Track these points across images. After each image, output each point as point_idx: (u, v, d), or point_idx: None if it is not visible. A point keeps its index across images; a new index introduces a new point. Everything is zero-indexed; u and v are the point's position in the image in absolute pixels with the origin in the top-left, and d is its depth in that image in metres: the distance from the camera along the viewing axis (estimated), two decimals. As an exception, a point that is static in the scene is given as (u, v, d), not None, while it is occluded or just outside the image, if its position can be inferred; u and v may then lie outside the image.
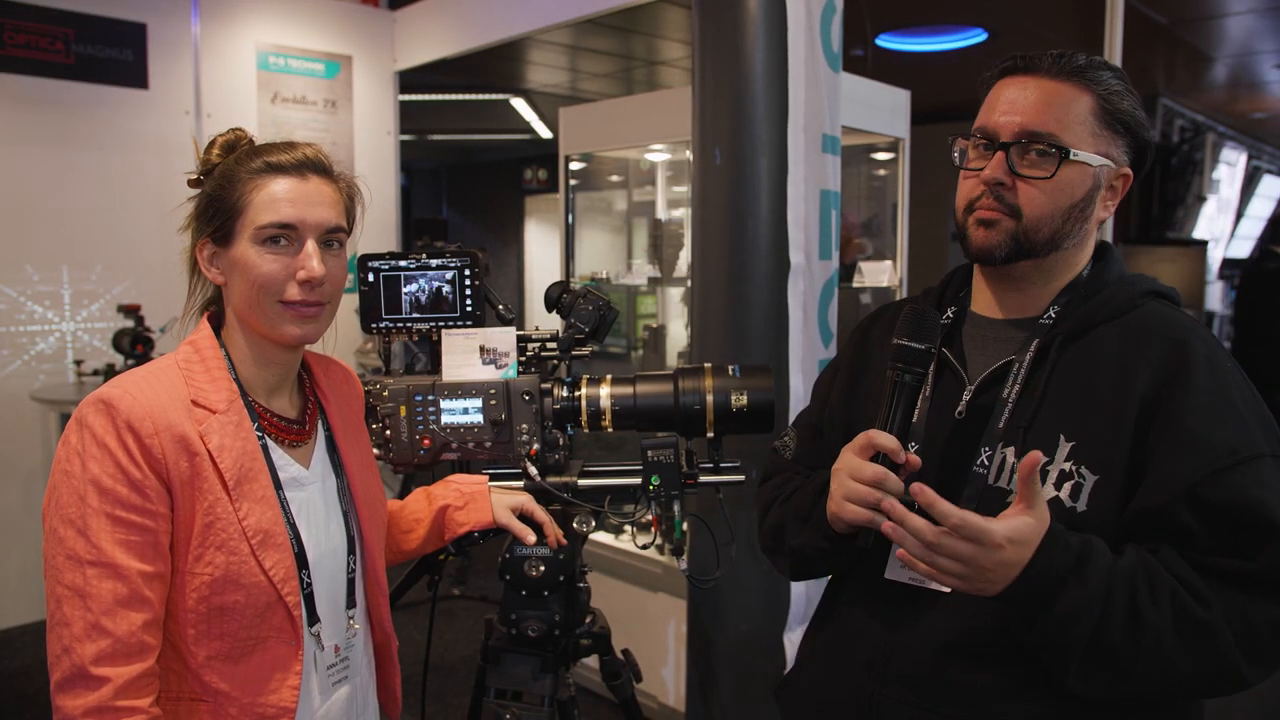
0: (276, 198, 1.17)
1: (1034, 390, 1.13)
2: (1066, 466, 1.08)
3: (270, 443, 1.23)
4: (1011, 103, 1.14)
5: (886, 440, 1.09)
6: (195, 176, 1.24)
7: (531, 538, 1.56)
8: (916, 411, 1.19)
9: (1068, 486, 1.08)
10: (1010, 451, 1.12)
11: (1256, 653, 1.01)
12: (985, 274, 1.24)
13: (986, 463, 1.14)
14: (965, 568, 1.00)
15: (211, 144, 1.24)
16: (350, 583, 1.32)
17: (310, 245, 1.19)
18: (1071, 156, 1.11)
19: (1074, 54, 1.14)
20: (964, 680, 1.11)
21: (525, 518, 1.59)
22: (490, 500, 1.56)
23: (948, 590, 1.13)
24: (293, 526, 1.21)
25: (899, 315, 1.20)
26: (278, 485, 1.21)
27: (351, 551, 1.32)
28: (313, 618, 1.23)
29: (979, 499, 1.13)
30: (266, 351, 1.24)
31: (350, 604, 1.31)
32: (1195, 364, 1.07)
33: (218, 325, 1.25)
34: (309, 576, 1.22)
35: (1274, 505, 1.01)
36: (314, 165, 1.22)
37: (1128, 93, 1.14)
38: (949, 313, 1.27)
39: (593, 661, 1.81)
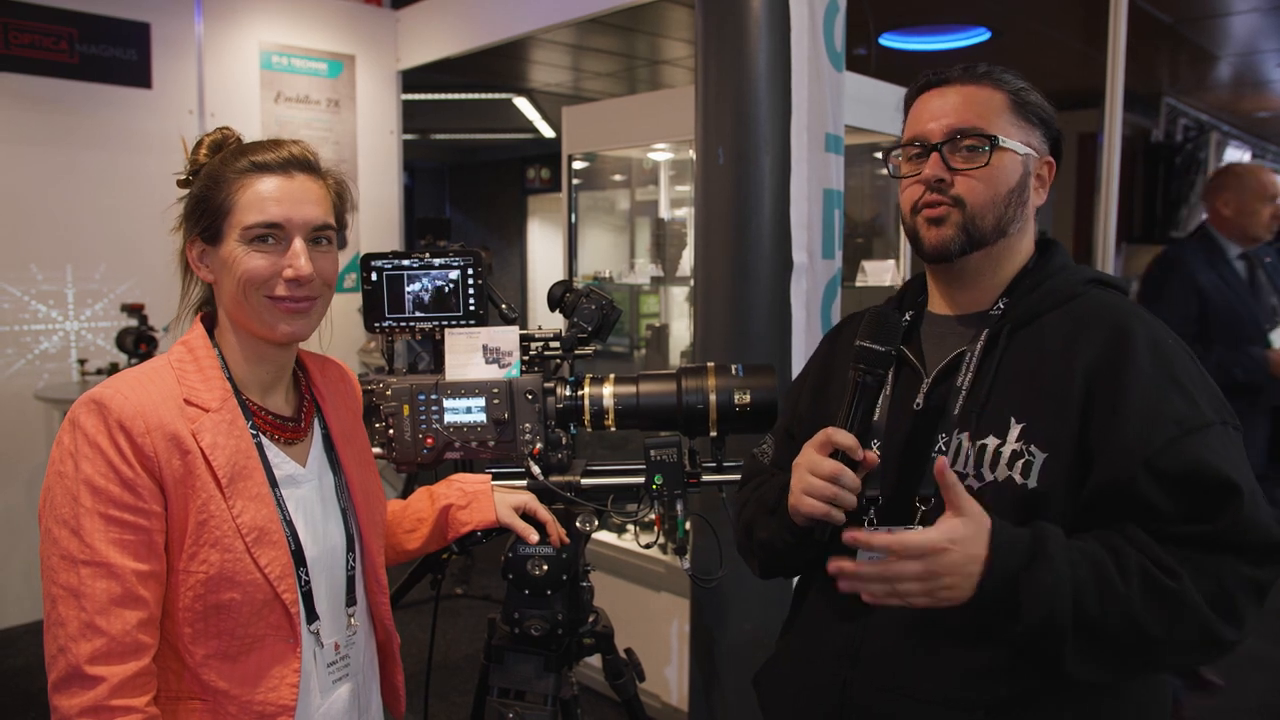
0: (263, 197, 1.18)
1: (985, 377, 1.18)
2: (1017, 446, 1.13)
3: (265, 440, 1.23)
4: (936, 110, 1.23)
5: (844, 438, 1.15)
6: (184, 177, 1.25)
7: (534, 536, 1.56)
8: (878, 410, 1.23)
9: (1019, 465, 1.12)
10: (965, 437, 1.17)
11: (1229, 611, 1.05)
12: (937, 274, 1.30)
13: (944, 448, 1.18)
14: (924, 584, 1.05)
15: (199, 144, 1.25)
16: (350, 580, 1.32)
17: (298, 244, 1.19)
18: (1000, 143, 1.19)
19: (977, 65, 1.24)
20: (934, 663, 1.15)
21: (528, 517, 1.59)
22: (493, 499, 1.56)
23: None
24: (289, 524, 1.21)
25: (857, 324, 1.30)
26: (273, 483, 1.21)
27: (350, 549, 1.32)
28: (311, 615, 1.23)
29: (936, 485, 1.16)
30: (259, 349, 1.24)
31: (350, 602, 1.32)
32: (1136, 344, 1.12)
33: (211, 325, 1.26)
34: (307, 574, 1.22)
35: (1226, 467, 1.06)
36: (300, 163, 1.22)
37: (1032, 89, 1.24)
38: (908, 315, 1.32)
39: (596, 660, 1.81)
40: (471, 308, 1.65)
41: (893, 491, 1.21)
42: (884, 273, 3.35)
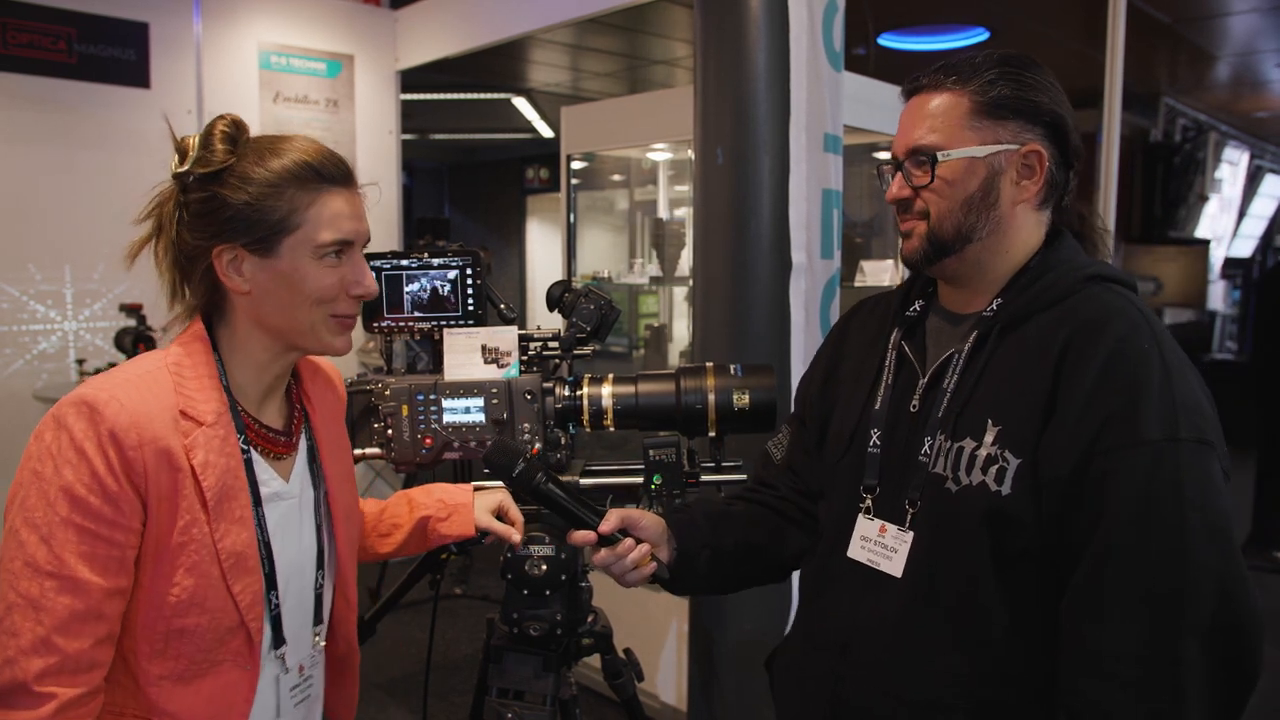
0: (338, 215, 1.15)
1: (969, 379, 1.17)
2: (992, 450, 1.11)
3: (255, 455, 1.18)
4: (901, 126, 1.24)
5: (581, 538, 1.36)
6: (192, 171, 1.12)
7: (515, 537, 1.55)
8: (879, 399, 1.27)
9: (993, 470, 1.10)
10: (943, 438, 1.16)
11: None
12: (934, 276, 1.30)
13: (929, 451, 1.18)
14: None
15: (209, 136, 1.13)
16: (318, 597, 1.28)
17: (362, 261, 1.18)
18: (940, 158, 1.17)
19: (954, 63, 1.20)
20: (918, 664, 1.15)
21: (504, 516, 1.58)
22: (473, 512, 1.54)
23: (898, 575, 1.19)
24: (266, 545, 1.16)
25: (869, 311, 1.41)
26: (256, 501, 1.16)
27: (320, 566, 1.28)
28: (278, 639, 1.19)
29: (923, 487, 1.18)
30: (274, 356, 1.19)
31: (318, 620, 1.28)
32: (1100, 343, 1.07)
33: (209, 326, 1.19)
34: (277, 598, 1.18)
35: (1124, 494, 1.01)
36: (351, 175, 1.19)
37: (1008, 78, 1.17)
38: (916, 305, 1.32)
39: (595, 660, 1.81)
40: (470, 308, 1.65)
41: (889, 490, 1.23)
42: (882, 273, 3.35)
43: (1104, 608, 1.02)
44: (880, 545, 1.22)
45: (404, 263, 1.64)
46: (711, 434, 1.59)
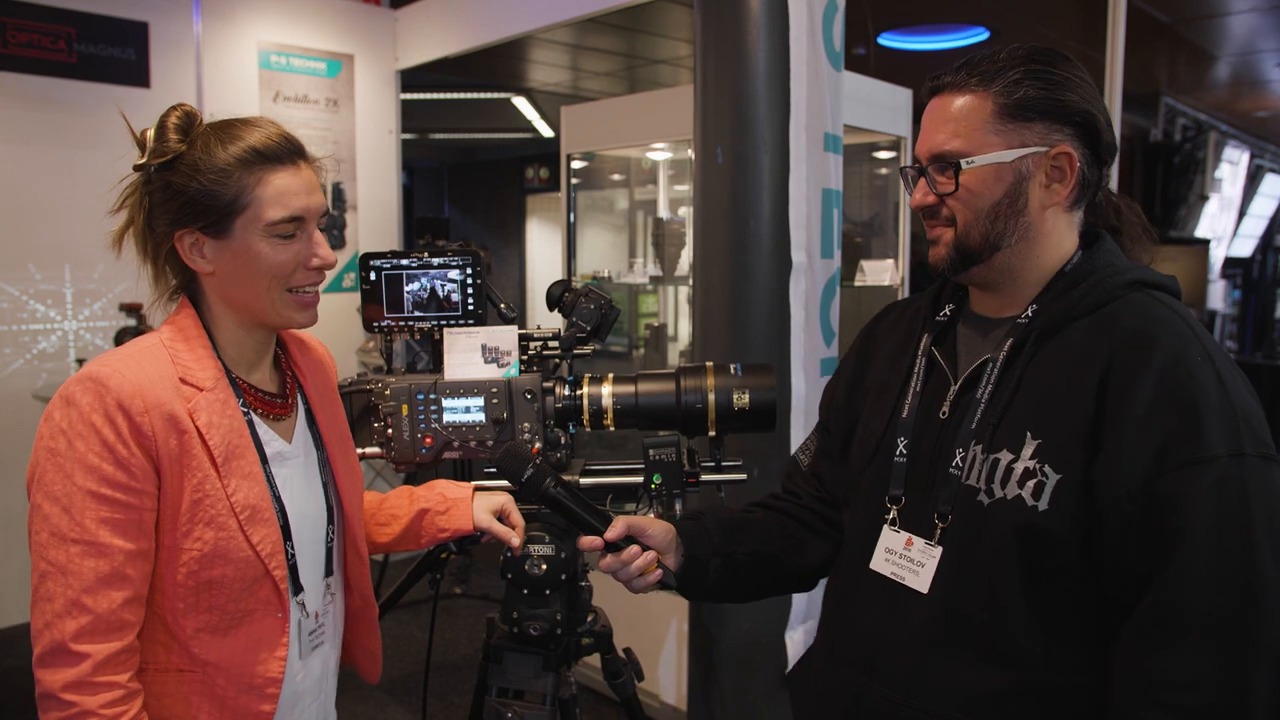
0: (284, 192, 1.19)
1: (1006, 388, 1.13)
2: (1031, 464, 1.07)
3: (255, 418, 1.25)
4: (924, 128, 1.19)
5: (589, 544, 1.38)
6: (149, 162, 1.18)
7: (515, 540, 1.56)
8: (906, 407, 1.24)
9: (1031, 485, 1.07)
10: (979, 449, 1.13)
11: None
12: (962, 283, 1.26)
13: (960, 463, 1.14)
14: None
15: (163, 127, 1.18)
16: (329, 551, 1.35)
17: (317, 233, 1.23)
18: (964, 166, 1.13)
19: (977, 61, 1.15)
20: (946, 681, 1.13)
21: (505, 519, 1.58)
22: (472, 507, 1.56)
23: (924, 591, 1.16)
24: (279, 500, 1.24)
25: (897, 315, 1.37)
26: (264, 459, 1.23)
27: (330, 521, 1.35)
28: (297, 586, 1.27)
29: (954, 499, 1.14)
30: (251, 329, 1.27)
31: (328, 572, 1.35)
32: (1151, 358, 1.03)
33: (195, 304, 1.26)
34: (293, 547, 1.25)
35: (1196, 515, 0.97)
36: (300, 151, 1.23)
37: (1033, 77, 1.12)
38: (946, 310, 1.28)
39: (594, 660, 1.81)
40: (470, 307, 1.65)
41: (916, 500, 1.20)
42: (883, 272, 3.35)
43: (1167, 635, 0.98)
44: (906, 559, 1.19)
45: (404, 262, 1.64)
46: (711, 433, 1.59)
